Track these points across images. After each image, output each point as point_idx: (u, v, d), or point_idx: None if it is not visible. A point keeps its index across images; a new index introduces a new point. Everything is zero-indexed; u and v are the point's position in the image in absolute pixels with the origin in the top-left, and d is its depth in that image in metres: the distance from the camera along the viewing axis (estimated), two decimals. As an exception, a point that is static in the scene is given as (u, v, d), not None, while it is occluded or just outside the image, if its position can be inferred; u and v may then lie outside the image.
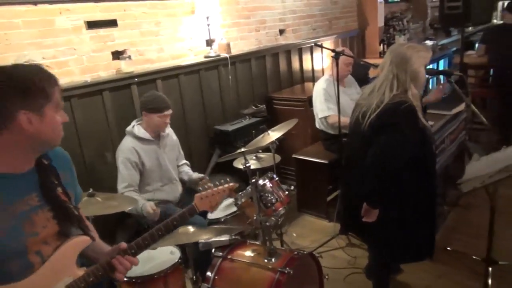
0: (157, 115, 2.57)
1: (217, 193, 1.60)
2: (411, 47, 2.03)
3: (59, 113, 1.23)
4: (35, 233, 1.21)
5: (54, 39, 2.66)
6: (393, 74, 1.98)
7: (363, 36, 5.91)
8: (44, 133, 1.19)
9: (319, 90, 3.43)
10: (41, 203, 1.24)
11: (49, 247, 1.25)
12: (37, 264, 1.22)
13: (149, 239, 1.41)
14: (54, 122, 1.21)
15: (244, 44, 4.08)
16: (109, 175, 2.95)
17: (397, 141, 1.90)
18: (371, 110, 1.98)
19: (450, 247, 2.92)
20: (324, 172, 3.45)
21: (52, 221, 1.25)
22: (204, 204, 1.57)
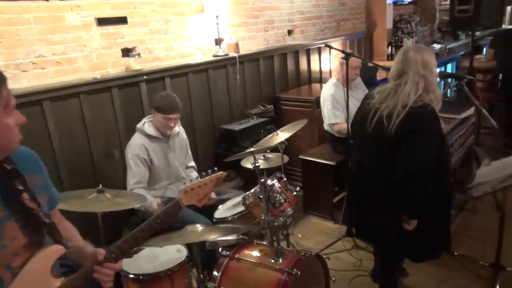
0: (161, 115, 2.56)
1: (204, 184, 1.45)
2: (428, 51, 2.08)
3: (10, 114, 1.08)
4: (3, 246, 1.09)
5: (64, 35, 2.66)
6: (419, 75, 1.99)
7: (371, 38, 5.89)
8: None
9: (326, 96, 3.42)
10: (5, 214, 1.11)
11: (20, 259, 1.14)
12: (7, 279, 1.10)
13: (131, 241, 1.29)
14: (3, 126, 1.06)
15: (252, 43, 4.08)
16: (116, 172, 2.96)
17: (424, 146, 1.92)
18: (396, 112, 1.97)
19: (456, 251, 2.90)
20: (330, 173, 3.43)
21: (19, 232, 1.13)
22: (190, 198, 1.43)
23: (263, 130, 3.49)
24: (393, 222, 2.10)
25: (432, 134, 1.96)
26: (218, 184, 1.50)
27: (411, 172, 1.95)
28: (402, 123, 1.95)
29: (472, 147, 3.56)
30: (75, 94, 2.67)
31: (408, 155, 1.95)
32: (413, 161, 1.94)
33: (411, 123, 1.94)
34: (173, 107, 2.56)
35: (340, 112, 3.31)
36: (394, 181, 2.03)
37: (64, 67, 2.69)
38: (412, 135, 1.94)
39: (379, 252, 2.55)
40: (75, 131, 2.70)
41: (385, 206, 2.12)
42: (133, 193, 2.32)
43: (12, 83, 2.45)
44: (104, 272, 1.21)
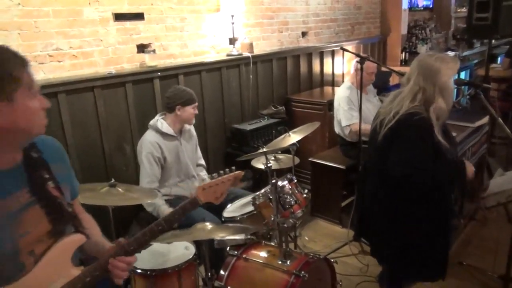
0: (191, 106, 2.62)
1: (221, 183, 1.47)
2: (440, 59, 1.94)
3: (34, 97, 1.09)
4: (27, 232, 1.12)
5: (82, 29, 2.68)
6: (419, 86, 1.91)
7: (385, 43, 5.86)
8: (19, 122, 1.06)
9: (342, 98, 3.40)
10: (32, 200, 1.14)
11: (43, 245, 1.16)
12: (29, 265, 1.13)
13: (149, 234, 1.30)
14: (28, 109, 1.07)
15: (266, 44, 4.08)
16: (127, 168, 2.98)
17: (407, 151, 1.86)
18: (387, 119, 1.94)
19: (465, 262, 2.87)
20: (340, 177, 3.42)
21: (44, 219, 1.16)
22: (208, 195, 1.45)
23: (274, 131, 3.50)
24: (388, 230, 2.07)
25: (416, 139, 1.86)
26: (235, 183, 1.52)
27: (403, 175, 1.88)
28: (390, 130, 1.91)
29: (484, 156, 3.52)
30: (90, 88, 2.69)
31: (394, 163, 1.89)
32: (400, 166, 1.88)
33: (397, 131, 1.90)
34: (194, 94, 2.66)
35: (356, 113, 3.29)
36: (388, 186, 2.01)
37: (80, 60, 2.71)
38: (397, 143, 1.89)
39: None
40: (89, 124, 2.73)
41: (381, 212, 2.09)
42: (144, 189, 2.33)
43: (29, 75, 2.48)
44: (117, 265, 1.22)
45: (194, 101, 2.64)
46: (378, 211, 2.11)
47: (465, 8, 7.27)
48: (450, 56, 2.08)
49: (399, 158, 1.88)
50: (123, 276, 1.24)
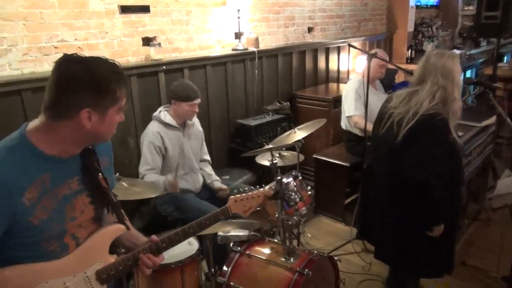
0: (187, 103, 2.57)
1: (252, 198, 1.57)
2: (451, 57, 1.97)
3: (119, 113, 1.22)
4: (74, 218, 1.22)
5: (87, 21, 2.66)
6: (438, 85, 1.91)
7: (391, 40, 5.82)
8: (100, 131, 1.18)
9: (350, 90, 3.39)
10: (81, 188, 1.24)
11: (84, 231, 1.27)
12: (71, 246, 1.24)
13: (181, 235, 1.41)
14: (112, 122, 1.20)
15: (271, 39, 4.04)
16: (131, 161, 2.97)
17: (429, 158, 1.86)
18: (406, 119, 1.92)
19: (468, 262, 2.86)
20: (344, 174, 3.41)
21: (89, 206, 1.26)
22: (238, 208, 1.55)
23: (278, 127, 3.48)
24: (394, 231, 2.07)
25: (433, 144, 1.87)
26: (265, 201, 1.59)
27: (419, 182, 1.89)
28: (410, 131, 1.90)
29: (490, 157, 3.50)
30: (94, 81, 2.67)
31: (412, 166, 1.90)
32: (417, 173, 1.88)
33: (417, 132, 1.88)
34: (196, 93, 2.61)
35: (360, 106, 3.28)
36: (399, 188, 2.00)
37: (86, 53, 2.67)
38: (417, 144, 1.89)
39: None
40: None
41: (387, 213, 2.09)
42: (149, 183, 2.32)
43: (33, 66, 2.47)
44: (146, 262, 1.32)
45: (191, 99, 2.57)
46: (385, 212, 2.09)
47: (472, 6, 7.22)
48: (455, 53, 2.09)
49: (418, 160, 1.88)
50: (148, 272, 1.34)
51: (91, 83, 1.10)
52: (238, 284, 2.04)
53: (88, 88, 1.11)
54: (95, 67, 1.12)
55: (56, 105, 1.12)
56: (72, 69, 1.11)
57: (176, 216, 2.54)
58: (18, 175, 1.10)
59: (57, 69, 1.12)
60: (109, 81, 1.12)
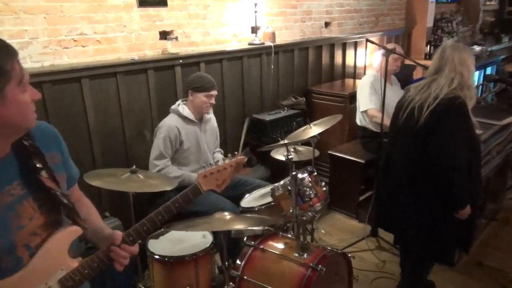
0: (204, 94, 2.59)
1: (223, 169, 1.38)
2: (466, 49, 2.12)
3: (25, 90, 1.04)
4: (21, 226, 1.08)
5: (106, 15, 2.69)
6: (455, 72, 2.03)
7: (410, 36, 5.72)
8: (10, 116, 1.01)
9: (365, 83, 3.36)
10: (24, 192, 1.10)
11: (38, 238, 1.13)
12: (25, 258, 1.10)
13: (148, 225, 1.27)
14: (19, 102, 1.02)
15: (288, 34, 4.02)
16: (147, 154, 2.99)
17: (451, 140, 1.95)
18: (427, 103, 2.00)
19: (484, 262, 2.82)
20: (359, 171, 3.38)
21: (38, 212, 1.12)
22: (210, 183, 1.36)
23: (294, 122, 3.46)
24: (416, 217, 2.13)
25: (459, 127, 1.96)
26: (238, 169, 1.42)
27: (442, 167, 1.98)
28: (431, 114, 1.98)
29: (509, 155, 3.42)
30: (112, 74, 2.70)
31: (436, 150, 1.99)
32: (441, 157, 1.97)
33: (439, 115, 1.97)
34: (213, 84, 2.62)
35: (376, 99, 3.25)
36: (420, 174, 2.07)
37: (104, 46, 2.72)
38: (439, 127, 1.97)
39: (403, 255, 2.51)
40: (110, 110, 2.74)
41: (409, 200, 2.15)
42: (164, 176, 2.34)
43: (53, 59, 2.51)
44: (120, 254, 1.22)
45: (208, 89, 2.60)
46: (406, 200, 2.16)
47: (495, 1, 7.04)
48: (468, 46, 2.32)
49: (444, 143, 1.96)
50: (125, 263, 1.23)
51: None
52: (251, 278, 2.05)
53: None
54: None
55: None
56: None
57: (189, 209, 2.56)
58: None
59: None
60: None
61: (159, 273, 2.10)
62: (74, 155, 2.48)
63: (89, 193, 1.51)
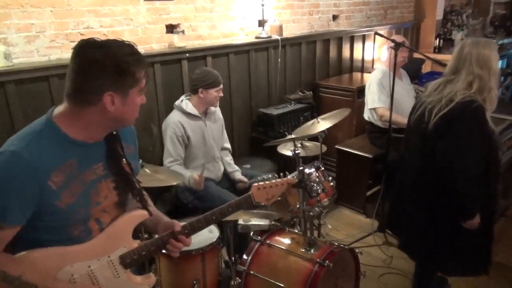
0: (215, 89, 2.60)
1: (275, 186, 1.53)
2: (487, 44, 1.92)
3: (141, 95, 1.22)
4: (98, 203, 1.24)
5: (112, 8, 2.67)
6: (474, 75, 1.87)
7: (418, 29, 5.64)
8: (123, 114, 1.19)
9: (374, 80, 3.30)
10: (105, 173, 1.25)
11: (108, 216, 1.28)
12: (95, 231, 1.26)
13: (203, 222, 1.42)
14: (134, 105, 1.21)
15: (295, 27, 3.98)
16: (154, 148, 3.00)
17: (462, 146, 1.83)
18: (438, 107, 1.89)
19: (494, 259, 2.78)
20: (366, 166, 3.35)
21: (113, 192, 1.28)
22: (261, 196, 1.52)
23: (301, 117, 3.44)
24: (424, 223, 2.06)
25: (471, 134, 1.83)
26: (288, 189, 1.56)
27: (450, 173, 1.87)
28: (442, 118, 1.87)
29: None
30: (119, 68, 2.69)
31: (444, 155, 1.87)
32: (450, 163, 1.86)
33: (451, 119, 1.85)
34: (220, 77, 2.64)
35: (385, 97, 3.19)
36: (430, 178, 1.98)
37: (110, 39, 2.71)
38: (450, 132, 1.85)
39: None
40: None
41: (418, 204, 2.07)
42: (171, 171, 2.34)
43: (60, 53, 2.51)
44: (176, 245, 1.35)
45: (218, 84, 2.61)
46: (415, 204, 2.08)
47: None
48: (491, 41, 2.03)
49: (452, 149, 1.85)
50: (177, 254, 1.39)
51: (112, 66, 1.11)
52: (257, 273, 2.04)
53: (109, 71, 1.11)
54: (115, 50, 1.13)
55: (79, 92, 1.14)
56: (92, 54, 1.11)
57: (197, 204, 2.55)
58: (44, 159, 1.11)
59: (77, 55, 1.13)
60: (128, 63, 1.13)
61: (166, 267, 2.10)
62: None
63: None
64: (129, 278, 1.32)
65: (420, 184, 2.04)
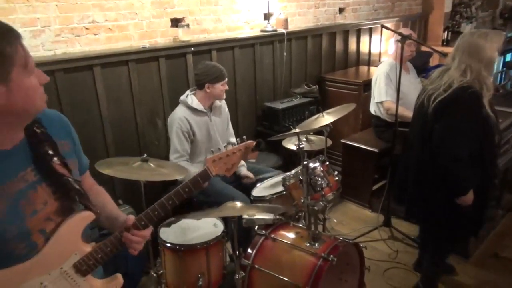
0: (221, 83, 2.60)
1: (232, 153, 1.37)
2: (483, 35, 2.00)
3: (31, 74, 1.02)
4: (35, 212, 1.10)
5: (117, 2, 2.67)
6: (465, 64, 1.97)
7: (426, 21, 5.57)
8: (18, 103, 1.00)
9: (381, 73, 3.27)
10: (38, 178, 1.11)
11: (52, 223, 1.14)
12: (41, 243, 1.12)
13: (159, 209, 1.27)
14: (25, 87, 1.01)
15: (301, 20, 3.95)
16: (159, 142, 3.01)
17: (457, 131, 1.93)
18: (437, 93, 2.00)
19: (501, 254, 2.77)
20: (372, 160, 3.33)
21: (51, 197, 1.13)
22: (219, 167, 1.35)
23: (306, 111, 3.42)
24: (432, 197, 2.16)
25: (464, 118, 1.93)
26: (247, 153, 1.41)
27: (444, 155, 1.98)
28: (440, 103, 1.97)
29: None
30: (124, 62, 2.69)
31: (438, 138, 1.99)
32: (443, 146, 1.98)
33: (446, 104, 1.96)
34: (224, 71, 2.63)
35: (392, 91, 3.17)
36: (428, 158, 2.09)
37: (116, 34, 2.71)
38: (445, 117, 1.96)
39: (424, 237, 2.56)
40: (122, 98, 2.75)
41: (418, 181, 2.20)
42: (176, 165, 2.34)
43: (65, 47, 2.51)
44: (132, 239, 1.23)
45: (224, 77, 2.61)
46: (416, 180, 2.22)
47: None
48: (493, 31, 2.10)
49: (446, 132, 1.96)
50: (139, 248, 1.25)
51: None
52: (262, 267, 2.05)
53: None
54: None
55: None
56: None
57: (201, 199, 2.56)
58: None
59: None
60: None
61: (171, 261, 2.12)
62: (87, 142, 2.52)
63: (102, 180, 1.52)
64: (91, 285, 1.21)
65: (421, 163, 2.16)
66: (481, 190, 2.08)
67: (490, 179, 2.16)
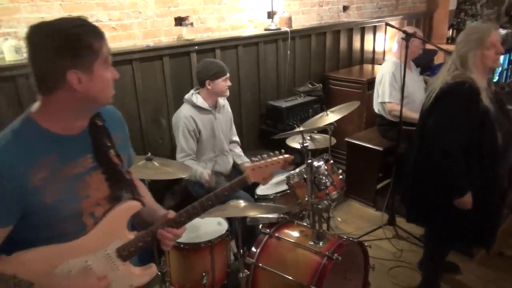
0: (222, 79, 2.58)
1: (271, 164, 1.43)
2: (476, 27, 2.09)
3: (108, 69, 1.15)
4: (88, 196, 1.20)
5: (121, 1, 2.67)
6: (458, 54, 2.00)
7: (431, 19, 5.54)
8: (94, 91, 1.12)
9: (387, 73, 3.23)
10: (94, 165, 1.22)
11: (101, 209, 1.24)
12: (89, 225, 1.22)
13: (198, 208, 1.36)
14: (104, 79, 1.14)
15: (305, 19, 3.94)
16: (163, 140, 3.02)
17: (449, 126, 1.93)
18: (433, 91, 2.02)
19: (506, 253, 2.75)
20: (376, 159, 3.32)
21: (104, 184, 1.24)
22: (256, 176, 1.43)
23: (310, 109, 3.41)
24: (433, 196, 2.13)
25: (456, 112, 1.93)
26: (284, 166, 1.49)
27: (436, 150, 1.98)
28: (435, 99, 1.99)
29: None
30: (128, 61, 2.70)
31: (430, 132, 2.00)
32: (433, 139, 1.98)
33: (440, 98, 1.97)
34: (224, 66, 2.63)
35: (396, 93, 3.14)
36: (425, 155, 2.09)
37: (120, 33, 2.72)
38: (437, 111, 1.97)
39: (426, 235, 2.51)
40: (126, 97, 2.75)
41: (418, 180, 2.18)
42: (180, 164, 2.34)
43: (70, 46, 2.51)
44: (166, 236, 1.31)
45: (224, 73, 2.59)
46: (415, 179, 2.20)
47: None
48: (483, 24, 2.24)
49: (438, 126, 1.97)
50: (170, 245, 1.34)
51: (62, 42, 1.05)
52: (266, 266, 2.05)
53: (61, 48, 1.05)
54: (60, 26, 1.07)
55: (41, 80, 1.09)
56: (39, 38, 1.07)
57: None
58: (23, 157, 1.08)
59: (27, 44, 1.08)
60: (79, 34, 1.06)
61: (175, 259, 2.12)
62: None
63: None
64: (129, 270, 1.30)
65: (418, 162, 2.15)
66: (483, 193, 2.01)
67: (494, 180, 2.05)
